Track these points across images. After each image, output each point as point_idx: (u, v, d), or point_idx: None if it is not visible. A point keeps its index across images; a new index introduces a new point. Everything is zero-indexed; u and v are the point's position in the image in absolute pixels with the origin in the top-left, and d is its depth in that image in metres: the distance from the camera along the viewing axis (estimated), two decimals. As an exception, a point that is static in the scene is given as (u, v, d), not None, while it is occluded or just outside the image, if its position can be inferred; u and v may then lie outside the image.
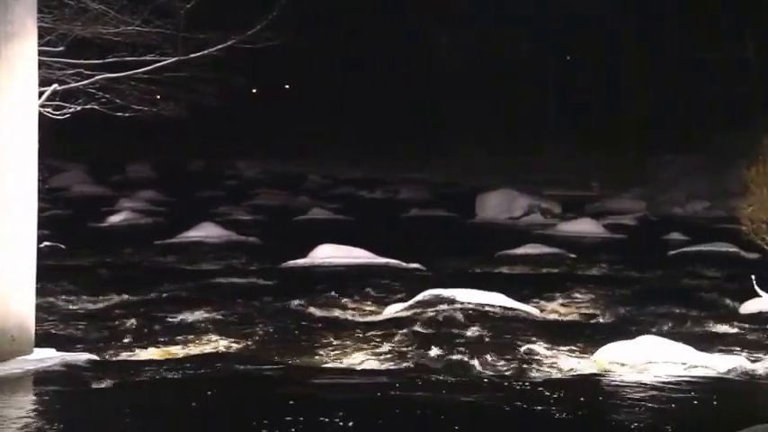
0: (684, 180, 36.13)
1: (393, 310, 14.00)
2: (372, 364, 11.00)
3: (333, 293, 15.61)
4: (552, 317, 14.38)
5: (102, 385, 9.01)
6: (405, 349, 11.61)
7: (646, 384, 9.56)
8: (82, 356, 10.22)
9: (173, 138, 47.92)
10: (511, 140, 50.19)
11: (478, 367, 10.73)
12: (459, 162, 48.49)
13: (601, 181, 40.29)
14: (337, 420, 7.78)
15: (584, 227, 26.06)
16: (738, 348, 11.82)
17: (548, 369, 10.80)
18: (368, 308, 14.72)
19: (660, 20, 43.12)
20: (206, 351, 11.58)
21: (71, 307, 14.58)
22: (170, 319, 13.37)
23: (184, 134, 46.84)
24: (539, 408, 8.55)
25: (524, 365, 10.89)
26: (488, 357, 11.11)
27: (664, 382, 9.71)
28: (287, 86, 65.32)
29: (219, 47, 14.72)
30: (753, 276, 14.92)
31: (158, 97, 15.96)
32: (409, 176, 45.58)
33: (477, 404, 8.74)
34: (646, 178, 38.52)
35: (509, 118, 52.09)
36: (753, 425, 6.85)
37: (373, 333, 12.56)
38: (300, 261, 18.72)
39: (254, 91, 62.65)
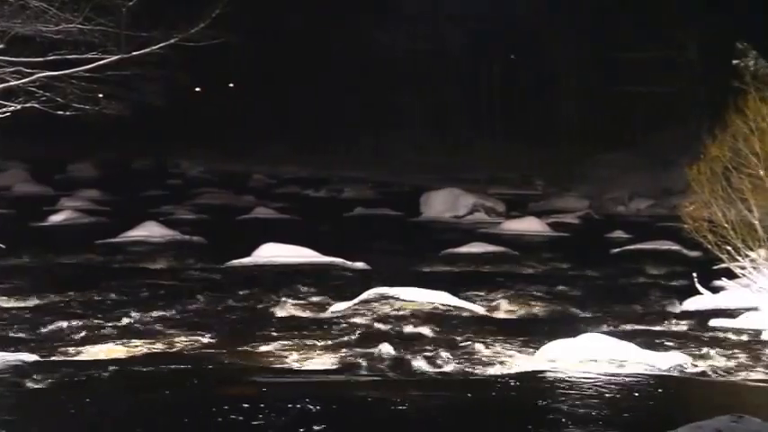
0: (627, 179, 36.44)
1: (338, 308, 13.97)
2: (317, 362, 10.96)
3: (277, 292, 15.54)
4: (496, 315, 14.43)
5: (42, 385, 8.91)
6: (350, 348, 11.57)
7: (588, 381, 9.60)
8: (23, 357, 10.10)
9: (116, 136, 47.49)
10: (455, 139, 50.35)
11: (424, 365, 10.74)
12: (404, 161, 48.53)
13: (545, 180, 40.54)
14: (282, 419, 7.74)
15: (529, 225, 26.19)
16: (680, 346, 11.92)
17: (492, 366, 10.83)
18: (312, 307, 14.66)
19: (600, 19, 43.43)
20: (149, 350, 11.47)
21: (10, 306, 14.38)
22: (113, 319, 13.22)
23: (127, 133, 46.40)
24: (483, 404, 8.57)
25: (469, 363, 10.90)
26: (433, 355, 11.11)
27: (606, 380, 9.77)
28: (231, 85, 64.95)
29: (163, 45, 14.60)
30: (694, 274, 15.08)
31: (101, 96, 15.79)
32: (354, 175, 45.53)
33: (423, 402, 8.74)
34: (589, 177, 38.79)
35: (453, 117, 52.24)
36: (694, 421, 6.89)
37: (318, 332, 12.51)
38: (245, 260, 18.62)
39: (198, 89, 62.25)
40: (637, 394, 9.26)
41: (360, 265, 18.59)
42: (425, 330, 12.52)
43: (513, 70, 51.60)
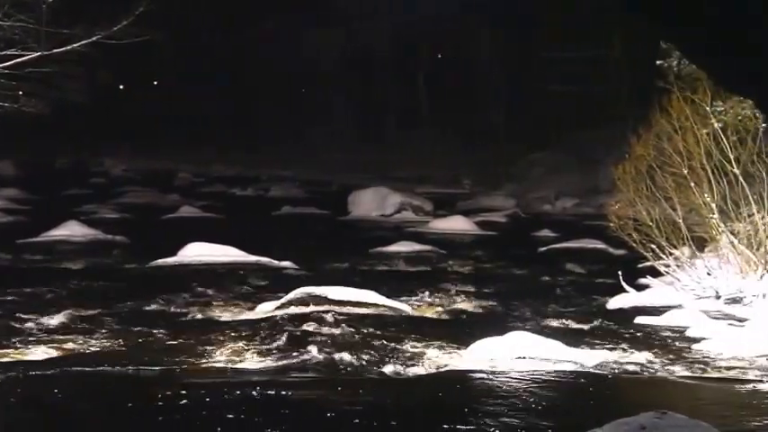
0: (554, 178, 36.72)
1: (265, 308, 13.87)
2: (245, 363, 10.86)
3: (203, 292, 15.39)
4: (424, 313, 14.42)
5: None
6: (277, 348, 11.49)
7: (515, 379, 9.65)
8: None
9: (36, 135, 46.68)
10: (384, 138, 50.39)
11: (352, 365, 10.69)
12: (333, 160, 48.43)
13: (472, 179, 40.71)
14: (210, 419, 7.67)
15: (456, 224, 26.24)
16: (605, 343, 12.02)
17: (420, 365, 10.81)
18: (239, 306, 14.53)
19: (529, 18, 43.73)
20: (71, 352, 11.27)
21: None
22: (34, 320, 12.96)
23: (49, 131, 45.68)
24: (412, 403, 8.56)
25: (397, 362, 10.87)
26: (361, 354, 11.07)
27: (533, 377, 9.81)
28: (155, 83, 64.33)
29: (84, 42, 14.38)
30: (620, 272, 15.22)
31: (21, 93, 15.49)
32: (281, 174, 45.32)
33: (351, 401, 8.72)
34: (517, 176, 39.03)
35: (381, 116, 52.30)
36: (620, 418, 6.94)
37: (245, 332, 12.41)
38: (170, 260, 18.40)
39: (122, 87, 61.56)
40: (563, 391, 9.33)
41: (287, 264, 18.48)
42: (353, 330, 12.47)
43: (443, 69, 51.76)
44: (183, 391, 8.88)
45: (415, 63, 53.15)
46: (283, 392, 9.07)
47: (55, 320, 13.02)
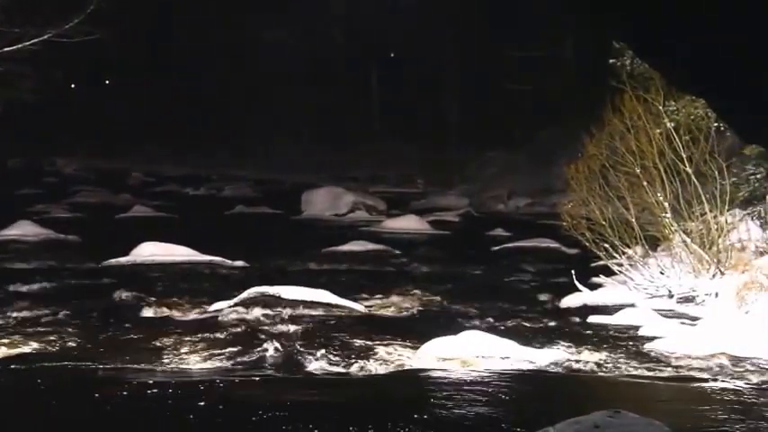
0: (508, 177, 36.83)
1: (218, 308, 13.76)
2: (197, 362, 10.77)
3: (156, 291, 15.25)
4: (378, 313, 14.38)
5: None
6: (230, 347, 11.40)
7: (469, 378, 9.63)
8: None
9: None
10: (336, 138, 50.30)
11: (305, 364, 10.64)
12: (285, 159, 48.29)
13: (425, 178, 40.75)
14: (159, 418, 7.59)
15: (409, 224, 26.24)
16: (559, 342, 12.04)
17: (373, 365, 10.77)
18: (192, 306, 14.40)
19: (484, 17, 43.81)
20: (24, 352, 11.12)
21: None
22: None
23: (0, 130, 45.07)
24: (364, 403, 8.52)
25: (350, 361, 10.83)
26: (315, 354, 11.01)
27: (486, 376, 9.81)
28: (107, 82, 63.74)
29: (35, 41, 14.19)
30: (573, 271, 15.26)
31: (-29, 92, 15.27)
32: (234, 173, 45.12)
33: (304, 400, 8.67)
34: (471, 175, 39.11)
35: (334, 115, 52.21)
36: (572, 417, 6.93)
37: (198, 331, 12.31)
38: (122, 259, 18.24)
39: (73, 86, 60.94)
40: (516, 391, 9.31)
41: (240, 263, 18.39)
42: (306, 329, 12.45)
43: (398, 69, 51.74)
44: (134, 391, 8.81)
45: (371, 63, 53.10)
46: (235, 392, 9.01)
47: (6, 320, 12.83)
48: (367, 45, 51.82)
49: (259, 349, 11.12)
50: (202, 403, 8.48)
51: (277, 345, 11.29)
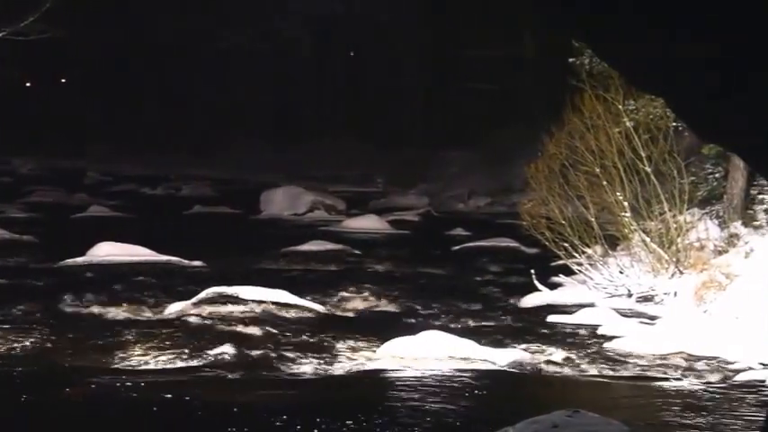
0: (468, 176, 36.87)
1: (175, 308, 13.63)
2: (155, 363, 10.65)
3: (113, 292, 15.07)
4: (337, 313, 14.32)
5: None
6: (188, 348, 11.28)
7: (428, 378, 9.59)
8: None
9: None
10: (295, 137, 50.15)
11: (264, 365, 10.56)
12: (244, 159, 48.08)
13: (385, 178, 40.72)
14: (119, 420, 7.50)
15: (369, 223, 26.19)
16: (519, 342, 12.03)
17: (333, 365, 10.71)
18: (149, 306, 14.25)
19: (444, 16, 43.85)
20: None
21: None
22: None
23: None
24: (323, 403, 8.45)
25: (310, 362, 10.76)
26: (273, 354, 10.95)
27: (446, 376, 9.77)
28: (63, 80, 63.21)
29: (-11, 38, 13.96)
30: (532, 271, 15.26)
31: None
32: (192, 173, 44.83)
33: (262, 401, 8.61)
34: (431, 175, 39.12)
35: (294, 115, 52.07)
36: (532, 416, 6.91)
37: (155, 332, 12.19)
38: (79, 259, 18.02)
39: (28, 84, 60.38)
40: (476, 390, 9.29)
41: (198, 263, 18.23)
42: (265, 329, 12.38)
43: (359, 68, 51.70)
44: (89, 391, 8.73)
45: (331, 62, 53.01)
46: (192, 392, 8.91)
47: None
48: (328, 44, 51.73)
49: (216, 350, 11.01)
50: (158, 403, 8.39)
51: (235, 345, 11.20)
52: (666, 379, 10.30)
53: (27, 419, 7.57)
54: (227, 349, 11.00)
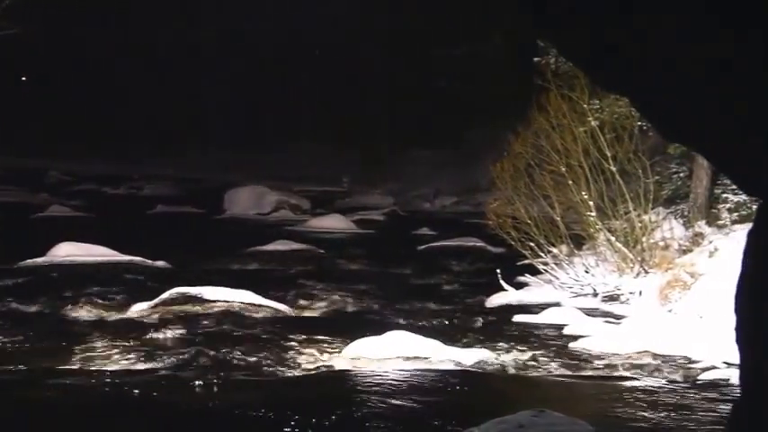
0: (433, 175, 36.91)
1: (138, 309, 13.50)
2: (117, 364, 10.53)
3: (74, 292, 14.91)
4: (302, 313, 14.24)
5: None
6: (151, 349, 11.17)
7: (394, 379, 9.55)
8: None
9: None
10: (260, 137, 50.02)
11: (227, 365, 10.47)
12: (207, 158, 47.92)
13: (350, 177, 40.68)
14: (76, 423, 7.41)
15: (334, 223, 26.15)
16: (484, 341, 12.01)
17: (297, 366, 10.65)
18: (112, 307, 14.11)
19: (412, 15, 43.85)
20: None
21: None
22: None
23: None
24: (287, 404, 8.38)
25: (274, 363, 10.70)
26: (237, 355, 10.86)
27: (411, 376, 9.73)
28: (23, 78, 62.66)
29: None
30: (498, 270, 15.25)
31: None
32: (155, 172, 44.58)
33: (226, 403, 8.54)
34: (396, 174, 39.12)
35: (258, 113, 51.93)
36: (498, 416, 6.89)
37: (117, 333, 12.05)
38: (39, 260, 17.82)
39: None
40: (441, 390, 9.26)
41: (161, 263, 18.07)
42: (229, 330, 12.28)
43: (325, 67, 51.58)
44: (50, 393, 8.63)
45: (297, 61, 52.87)
46: (155, 394, 8.82)
47: None
48: (293, 43, 51.60)
49: (180, 351, 10.94)
50: (118, 405, 8.29)
51: (198, 346, 11.12)
52: (632, 378, 10.31)
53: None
54: (191, 350, 10.92)
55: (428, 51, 41.24)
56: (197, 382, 9.45)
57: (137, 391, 8.90)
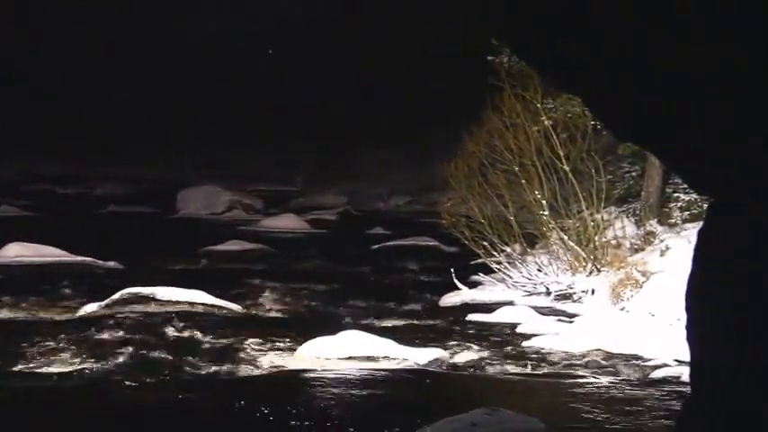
0: (387, 175, 36.94)
1: (90, 309, 13.36)
2: (67, 365, 10.41)
3: (24, 293, 14.74)
4: (256, 313, 14.19)
5: None
6: (102, 349, 11.07)
7: (347, 378, 9.54)
8: None
9: None
10: (214, 136, 49.81)
11: (179, 365, 10.42)
12: (160, 158, 47.62)
13: (303, 177, 40.62)
14: (22, 426, 7.32)
15: (287, 222, 26.11)
16: (438, 340, 12.02)
17: (251, 365, 10.61)
18: (62, 308, 13.97)
19: (370, 14, 43.85)
20: None
21: None
22: None
23: None
24: (243, 404, 8.33)
25: (228, 363, 10.66)
26: (190, 355, 10.81)
27: (365, 375, 9.72)
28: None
29: None
30: (452, 269, 15.27)
31: None
32: (108, 172, 44.24)
33: (178, 403, 8.49)
34: (349, 174, 39.11)
35: (209, 113, 51.69)
36: (451, 415, 6.89)
37: (69, 334, 11.91)
38: (-12, 260, 17.62)
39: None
40: (395, 389, 9.26)
41: (112, 264, 17.92)
42: (183, 330, 12.23)
43: (280, 65, 51.45)
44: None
45: (252, 59, 52.69)
46: (106, 395, 8.75)
47: None
48: (249, 41, 51.41)
49: (132, 351, 10.86)
50: (67, 406, 8.21)
51: (150, 346, 11.07)
52: (584, 376, 10.36)
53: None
54: (142, 350, 10.87)
55: (384, 51, 41.25)
56: (147, 381, 9.41)
57: (84, 392, 8.84)
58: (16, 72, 55.75)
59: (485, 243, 15.69)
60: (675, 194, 16.11)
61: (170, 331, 12.14)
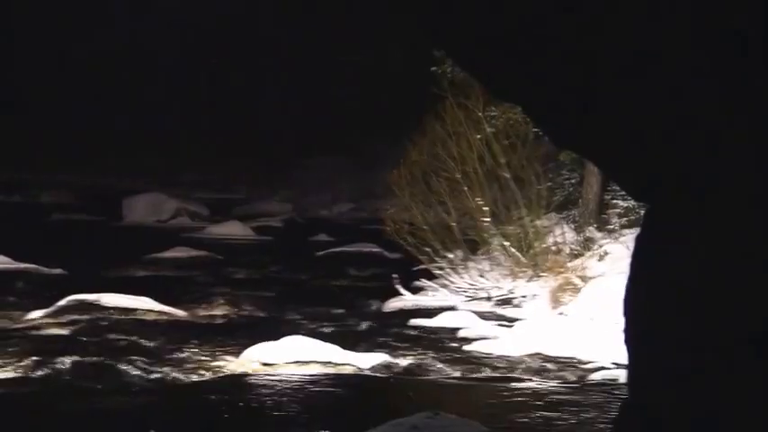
0: (331, 182, 36.95)
1: (34, 317, 13.31)
2: (9, 373, 10.38)
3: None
4: (200, 319, 14.20)
5: None
6: (46, 357, 11.02)
7: (291, 383, 9.61)
8: None
9: None
10: (157, 142, 49.45)
11: (123, 372, 10.41)
12: (105, 165, 47.18)
13: (249, 184, 40.51)
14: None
15: (232, 229, 26.08)
16: (381, 345, 12.13)
17: (195, 371, 10.63)
18: (5, 316, 13.88)
19: (312, 21, 43.85)
20: None
21: None
22: None
23: None
24: (185, 409, 8.41)
25: (173, 368, 10.66)
26: (135, 361, 10.79)
27: (308, 380, 9.81)
28: None
29: None
30: (394, 275, 15.41)
31: None
32: (52, 179, 43.76)
33: (121, 409, 8.50)
34: (295, 181, 39.07)
35: (152, 120, 51.32)
36: (393, 419, 6.99)
37: (12, 341, 11.87)
38: (-72, 269, 17.45)
39: None
40: (338, 394, 9.34)
41: (58, 271, 17.83)
42: (128, 337, 12.17)
43: (224, 72, 51.24)
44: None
45: (196, 65, 52.42)
46: (53, 401, 8.75)
47: None
48: (193, 47, 51.16)
49: (75, 358, 10.81)
50: (12, 414, 8.22)
51: (93, 353, 11.03)
52: (524, 380, 10.50)
53: None
54: (87, 357, 10.82)
55: (330, 57, 41.25)
56: (93, 388, 9.43)
57: (30, 398, 8.83)
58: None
59: (427, 249, 15.83)
60: (614, 201, 16.35)
61: (114, 337, 12.13)
